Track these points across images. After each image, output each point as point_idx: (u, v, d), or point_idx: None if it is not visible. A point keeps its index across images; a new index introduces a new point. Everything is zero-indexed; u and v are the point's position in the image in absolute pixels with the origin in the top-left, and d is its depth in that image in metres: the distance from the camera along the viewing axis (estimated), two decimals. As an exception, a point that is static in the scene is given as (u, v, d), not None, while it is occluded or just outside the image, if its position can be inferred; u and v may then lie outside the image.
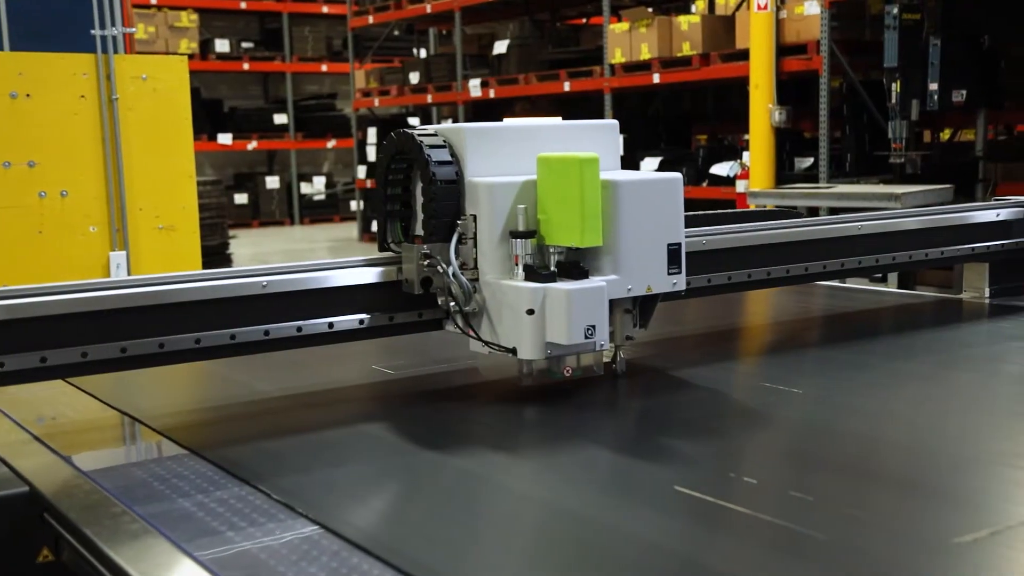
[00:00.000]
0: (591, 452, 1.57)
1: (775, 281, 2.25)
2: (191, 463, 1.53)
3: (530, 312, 1.66)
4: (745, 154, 8.33)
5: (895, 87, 6.98)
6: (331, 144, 15.82)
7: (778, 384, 1.91)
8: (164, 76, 4.65)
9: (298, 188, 15.67)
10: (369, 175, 12.92)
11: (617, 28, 9.41)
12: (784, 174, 7.99)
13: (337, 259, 1.83)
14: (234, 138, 14.89)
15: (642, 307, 1.84)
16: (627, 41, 9.20)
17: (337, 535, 1.24)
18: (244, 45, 15.52)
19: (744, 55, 7.99)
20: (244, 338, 1.73)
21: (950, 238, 2.46)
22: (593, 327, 1.65)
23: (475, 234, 1.74)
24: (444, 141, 1.76)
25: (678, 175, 1.82)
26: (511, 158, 1.77)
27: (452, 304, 1.75)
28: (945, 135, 8.82)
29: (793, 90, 8.23)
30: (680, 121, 10.46)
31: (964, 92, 7.06)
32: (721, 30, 8.67)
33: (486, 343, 1.75)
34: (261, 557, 1.20)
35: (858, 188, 6.98)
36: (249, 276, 1.73)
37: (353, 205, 14.78)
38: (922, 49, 6.94)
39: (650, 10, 10.54)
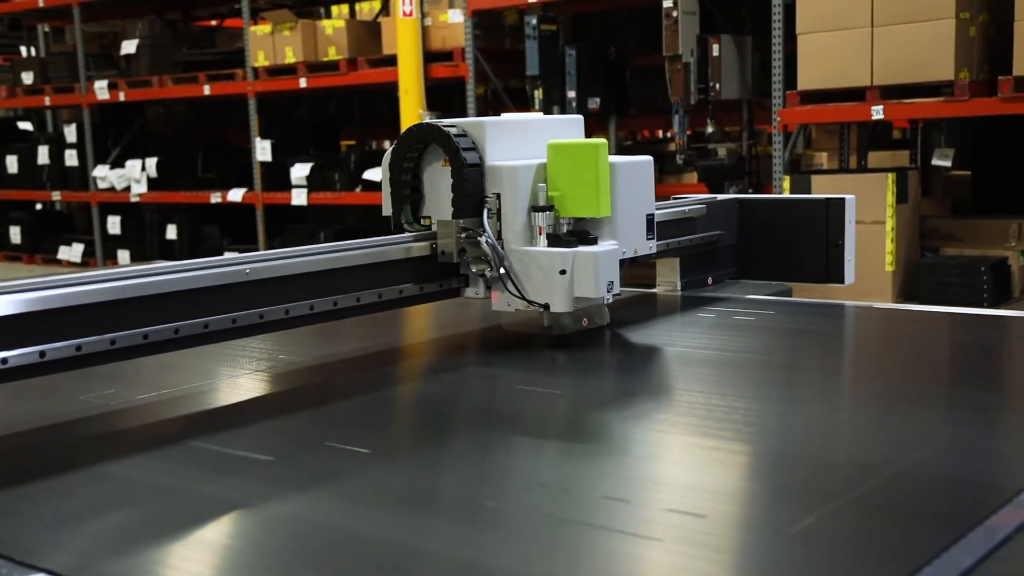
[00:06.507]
0: (368, 472, 1.47)
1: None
2: None
3: (563, 272, 1.96)
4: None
5: (538, 94, 7.35)
6: (-75, 152, 14.01)
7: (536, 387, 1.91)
8: None
9: None
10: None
11: (259, 30, 9.12)
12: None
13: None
14: None
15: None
16: (270, 44, 8.96)
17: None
18: None
19: (392, 61, 8.04)
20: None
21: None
22: (612, 282, 1.98)
23: (499, 210, 2.03)
24: (464, 131, 2.05)
25: (650, 158, 2.16)
26: (517, 145, 2.10)
27: (488, 270, 2.02)
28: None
29: (441, 96, 8.42)
30: (328, 126, 10.34)
31: (598, 100, 7.57)
32: (367, 36, 8.67)
33: (529, 301, 2.02)
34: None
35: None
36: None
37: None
38: (560, 58, 7.36)
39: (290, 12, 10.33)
